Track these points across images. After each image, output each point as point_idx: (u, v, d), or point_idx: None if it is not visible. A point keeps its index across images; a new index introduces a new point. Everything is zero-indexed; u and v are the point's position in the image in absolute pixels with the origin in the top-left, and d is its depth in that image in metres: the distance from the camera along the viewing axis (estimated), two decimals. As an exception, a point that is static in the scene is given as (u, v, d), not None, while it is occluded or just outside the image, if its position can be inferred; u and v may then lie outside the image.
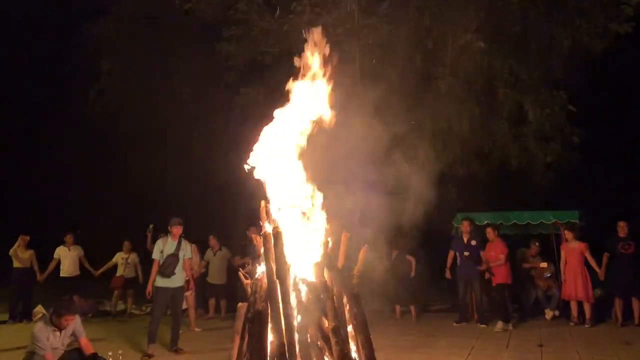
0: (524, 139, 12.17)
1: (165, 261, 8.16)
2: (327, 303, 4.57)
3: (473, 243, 10.33)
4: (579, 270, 9.80)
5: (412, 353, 7.71)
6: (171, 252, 8.21)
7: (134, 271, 12.06)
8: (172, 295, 8.25)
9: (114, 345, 8.08)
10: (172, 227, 8.36)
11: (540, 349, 7.74)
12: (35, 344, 5.66)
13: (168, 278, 8.14)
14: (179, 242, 8.36)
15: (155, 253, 8.32)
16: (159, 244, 8.35)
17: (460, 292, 10.46)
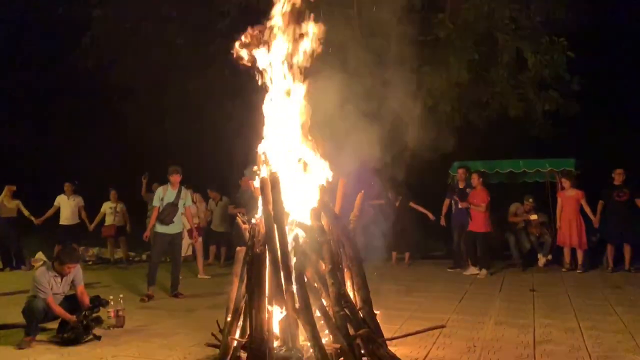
0: (523, 88, 12.06)
1: (164, 209, 8.32)
2: (324, 246, 4.64)
3: (468, 191, 10.41)
4: (574, 218, 9.94)
5: (407, 296, 7.90)
6: (171, 201, 8.36)
7: (123, 219, 12.17)
8: (169, 241, 8.44)
9: (114, 290, 8.24)
10: (170, 175, 8.46)
11: (532, 294, 7.92)
12: (37, 288, 5.76)
13: (167, 225, 8.32)
14: (179, 190, 8.48)
15: (155, 200, 8.46)
16: (160, 191, 8.48)
17: (455, 238, 10.64)
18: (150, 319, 6.83)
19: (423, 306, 7.24)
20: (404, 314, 6.66)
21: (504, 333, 5.75)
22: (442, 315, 6.59)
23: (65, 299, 6.05)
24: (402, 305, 7.17)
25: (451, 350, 5.16)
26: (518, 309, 6.92)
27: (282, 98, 5.27)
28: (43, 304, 5.69)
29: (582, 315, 6.49)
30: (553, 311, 6.76)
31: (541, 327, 5.93)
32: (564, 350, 5.05)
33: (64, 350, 5.46)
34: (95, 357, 5.19)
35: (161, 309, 7.49)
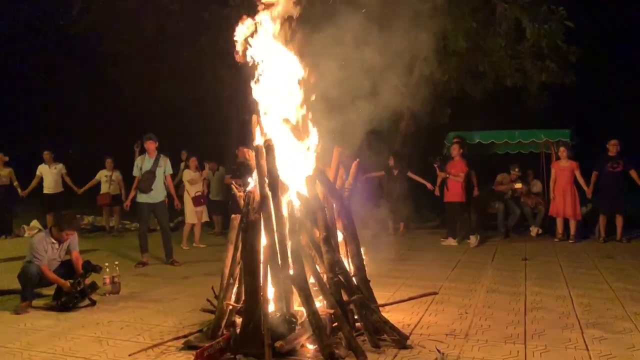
0: (520, 58, 11.95)
1: (142, 178, 8.30)
2: (318, 214, 4.65)
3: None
4: (568, 189, 9.98)
5: (400, 265, 7.98)
6: (148, 169, 8.31)
7: (118, 188, 12.14)
8: (152, 210, 8.41)
9: (110, 257, 8.30)
10: (145, 143, 8.43)
11: (525, 263, 8.02)
12: (33, 254, 5.79)
13: (146, 194, 8.28)
14: (157, 158, 8.41)
15: (135, 170, 8.46)
16: (138, 161, 8.47)
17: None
18: (146, 286, 6.89)
19: (416, 274, 7.31)
20: (398, 282, 6.74)
21: (495, 300, 5.83)
22: (435, 283, 6.67)
23: (61, 264, 6.09)
24: (395, 273, 7.25)
25: (443, 316, 5.23)
26: (510, 277, 7.00)
27: (277, 67, 5.21)
28: (37, 269, 5.73)
29: (573, 283, 6.58)
30: (544, 279, 6.85)
31: (532, 295, 6.02)
32: (554, 317, 5.14)
33: (60, 315, 5.51)
34: (91, 323, 5.24)
35: (156, 276, 7.55)
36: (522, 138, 11.45)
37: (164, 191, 8.55)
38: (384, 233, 11.09)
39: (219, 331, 4.46)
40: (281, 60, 5.25)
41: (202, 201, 10.33)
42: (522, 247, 9.51)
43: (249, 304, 4.29)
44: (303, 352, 4.18)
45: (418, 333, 4.69)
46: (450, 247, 9.70)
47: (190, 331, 4.72)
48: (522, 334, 4.64)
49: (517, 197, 10.93)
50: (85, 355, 4.27)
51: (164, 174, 8.47)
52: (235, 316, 4.56)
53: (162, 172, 8.42)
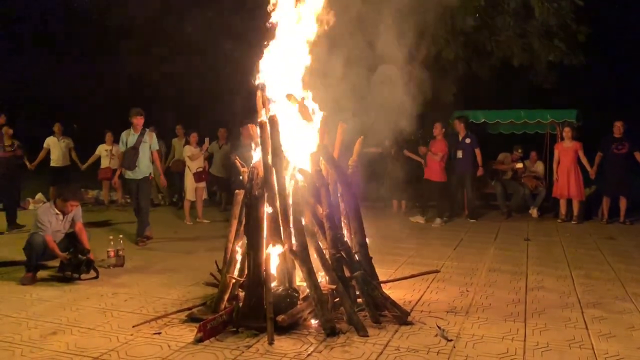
0: (528, 37, 11.81)
1: (125, 154, 8.09)
2: (321, 190, 4.66)
3: (467, 141, 10.38)
4: (572, 169, 9.95)
5: (403, 243, 8.01)
6: (132, 145, 8.07)
7: (118, 162, 12.09)
8: (137, 185, 8.16)
9: (114, 231, 8.34)
10: (132, 117, 8.11)
11: (527, 243, 8.04)
12: (38, 224, 5.84)
13: (131, 171, 8.08)
14: (141, 134, 8.14)
15: (121, 146, 8.27)
16: (123, 136, 8.18)
17: (452, 188, 10.69)
18: (150, 259, 6.95)
19: (418, 252, 7.35)
20: (400, 259, 6.77)
21: (496, 279, 5.86)
22: (437, 261, 6.71)
23: (65, 236, 6.14)
24: (398, 251, 7.29)
25: (444, 294, 5.27)
26: (512, 257, 7.03)
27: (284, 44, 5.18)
28: (42, 239, 5.78)
29: (574, 264, 6.61)
30: (546, 259, 6.88)
31: (533, 275, 6.05)
32: (554, 297, 5.17)
33: (65, 286, 5.57)
34: (95, 294, 5.30)
35: (160, 251, 7.61)
36: (528, 118, 11.38)
37: (149, 167, 8.27)
38: (387, 210, 11.16)
39: (222, 304, 4.51)
40: (286, 33, 5.21)
41: (204, 177, 10.34)
42: (525, 227, 9.53)
43: (252, 278, 4.32)
44: (305, 327, 4.22)
45: (419, 310, 4.73)
46: (455, 226, 9.72)
47: (193, 304, 4.77)
48: (523, 312, 4.67)
49: (517, 177, 10.92)
50: (89, 326, 4.33)
51: (150, 149, 8.22)
52: (238, 290, 4.60)
53: (147, 148, 8.16)
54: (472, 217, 10.33)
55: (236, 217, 4.81)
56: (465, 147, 10.37)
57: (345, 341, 3.95)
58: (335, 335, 4.02)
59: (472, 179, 10.44)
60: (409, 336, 4.07)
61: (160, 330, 4.20)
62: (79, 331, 4.22)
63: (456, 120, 10.57)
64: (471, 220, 10.25)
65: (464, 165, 10.38)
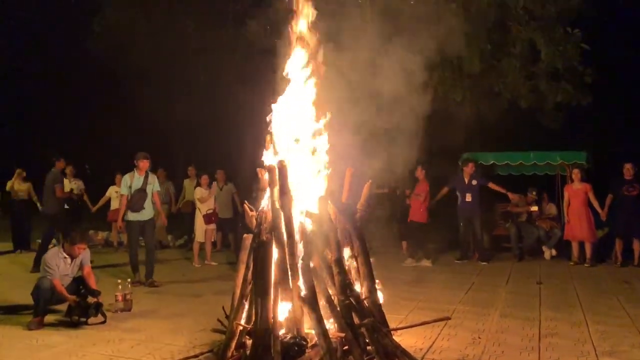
0: (535, 79, 11.93)
1: (133, 196, 8.17)
2: (330, 235, 4.64)
3: (474, 183, 10.39)
4: (583, 211, 9.87)
5: (413, 287, 7.90)
6: (139, 187, 8.21)
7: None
8: (142, 227, 8.30)
9: (122, 274, 8.32)
10: (138, 161, 8.29)
11: (539, 287, 7.90)
12: (46, 269, 5.84)
13: (137, 212, 8.19)
14: (146, 176, 8.32)
15: (123, 188, 8.34)
16: (127, 179, 8.30)
17: (461, 230, 10.63)
18: (158, 303, 6.89)
19: (429, 296, 7.24)
20: (410, 304, 6.67)
21: (509, 325, 5.74)
22: (448, 306, 6.60)
23: (73, 280, 6.13)
24: (408, 295, 7.19)
25: (456, 341, 5.16)
26: (524, 302, 6.90)
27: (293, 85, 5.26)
28: (50, 284, 5.77)
29: (588, 309, 6.47)
30: (559, 304, 6.74)
31: (547, 320, 5.92)
32: (569, 344, 5.04)
33: (72, 332, 5.53)
34: (102, 340, 5.25)
35: (168, 294, 7.56)
36: (537, 160, 11.36)
37: (152, 209, 8.44)
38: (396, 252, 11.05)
39: (229, 352, 4.44)
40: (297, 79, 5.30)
41: (214, 219, 10.35)
42: (537, 270, 9.38)
43: (260, 325, 4.26)
44: (313, 375, 4.14)
45: (430, 358, 4.63)
46: (465, 269, 9.59)
47: (200, 351, 4.71)
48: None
49: (532, 220, 10.84)
50: (95, 374, 4.27)
51: (152, 191, 8.37)
52: (245, 337, 4.53)
53: (151, 190, 8.33)
54: (482, 260, 10.21)
55: (244, 262, 4.78)
56: (473, 189, 10.37)
57: (354, 391, 3.86)
58: (344, 385, 3.93)
59: (480, 221, 10.39)
60: (420, 386, 3.97)
61: (166, 379, 4.14)
62: (84, 379, 4.17)
63: (469, 163, 10.53)
64: (482, 262, 10.12)
65: (472, 208, 10.35)
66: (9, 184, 11.79)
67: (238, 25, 12.54)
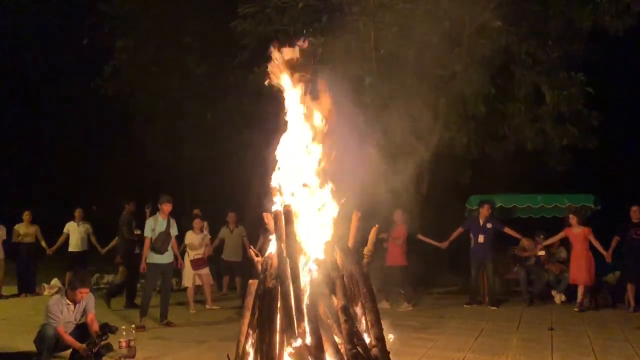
0: (540, 122, 12.01)
1: (158, 238, 8.32)
2: (337, 282, 4.58)
3: (489, 226, 10.29)
4: (583, 255, 9.78)
5: (422, 333, 7.75)
6: (163, 230, 8.38)
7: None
8: (162, 270, 8.49)
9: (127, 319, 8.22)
10: (162, 204, 8.51)
11: (551, 332, 7.73)
12: (49, 316, 5.78)
13: (161, 255, 8.35)
14: (168, 219, 8.52)
15: (147, 231, 8.46)
16: (151, 222, 8.48)
17: (473, 273, 10.48)
18: (161, 350, 6.78)
19: (438, 343, 7.08)
20: (419, 352, 6.52)
21: (521, 374, 5.59)
22: (457, 353, 6.46)
23: (76, 327, 6.04)
24: (416, 342, 7.04)
25: (466, 391, 5.02)
26: (536, 349, 6.74)
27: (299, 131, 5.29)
28: (54, 331, 5.70)
29: (601, 356, 6.31)
30: (572, 352, 6.58)
31: (560, 369, 5.77)
32: (583, 395, 4.89)
33: (74, 380, 5.43)
34: (104, 388, 5.15)
35: (172, 340, 7.44)
36: (545, 203, 11.30)
37: (172, 252, 8.64)
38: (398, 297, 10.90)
39: (233, 402, 4.33)
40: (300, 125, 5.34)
41: (201, 264, 10.22)
42: (548, 315, 9.20)
43: (265, 374, 4.17)
44: None
45: (440, 409, 4.50)
46: (475, 314, 9.42)
47: (204, 401, 4.60)
48: (550, 413, 4.41)
49: (541, 264, 10.70)
50: None
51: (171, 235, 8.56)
52: (250, 386, 4.43)
53: (172, 234, 8.56)
54: (493, 305, 10.03)
55: (249, 309, 4.71)
56: (487, 231, 10.27)
57: None
58: None
59: (492, 264, 10.25)
60: None
61: None
62: None
63: (485, 205, 10.44)
64: (492, 307, 9.94)
65: (484, 251, 10.24)
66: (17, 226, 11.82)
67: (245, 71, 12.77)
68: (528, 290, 10.52)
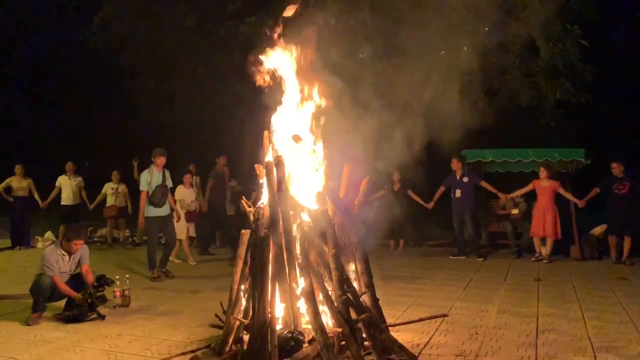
0: (534, 76, 11.93)
1: (155, 192, 8.32)
2: (328, 231, 4.65)
3: (465, 180, 10.44)
4: (548, 208, 9.97)
5: (411, 283, 7.91)
6: (159, 183, 8.38)
7: (124, 200, 12.23)
8: (162, 222, 8.50)
9: (120, 270, 8.32)
10: (156, 157, 8.47)
11: (538, 283, 7.91)
12: (45, 265, 5.84)
13: (160, 208, 8.37)
14: (163, 172, 8.51)
15: (142, 185, 8.40)
16: (146, 175, 8.42)
17: (455, 227, 10.65)
18: (156, 299, 6.91)
19: (427, 293, 7.24)
20: (408, 301, 6.67)
21: (507, 321, 5.75)
22: (445, 302, 6.61)
23: (71, 277, 6.11)
24: (405, 292, 7.20)
25: (453, 337, 5.17)
26: (522, 298, 6.90)
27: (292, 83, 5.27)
28: (50, 281, 5.77)
29: (586, 305, 6.47)
30: (557, 301, 6.74)
31: (545, 316, 5.92)
32: (566, 340, 5.05)
33: (69, 327, 5.54)
34: (100, 335, 5.26)
35: (167, 290, 7.57)
36: (536, 157, 11.34)
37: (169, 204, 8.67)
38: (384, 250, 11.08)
39: (226, 347, 4.45)
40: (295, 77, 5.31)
41: (195, 217, 10.38)
42: (536, 267, 9.40)
43: (257, 320, 4.27)
44: (310, 370, 4.15)
45: (427, 353, 4.64)
46: (463, 266, 9.59)
47: (198, 346, 4.72)
48: (534, 356, 4.56)
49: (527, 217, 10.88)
50: (93, 369, 4.28)
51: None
52: (243, 332, 4.54)
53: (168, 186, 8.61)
54: (479, 256, 10.22)
55: (242, 258, 4.80)
56: (464, 186, 10.42)
57: (351, 386, 3.87)
58: (341, 380, 3.94)
59: (471, 217, 10.44)
60: (417, 381, 3.98)
61: (164, 374, 4.15)
62: (81, 374, 4.18)
63: (454, 159, 10.55)
64: (479, 259, 10.14)
65: (463, 204, 10.40)
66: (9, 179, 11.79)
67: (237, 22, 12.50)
68: (516, 243, 10.73)
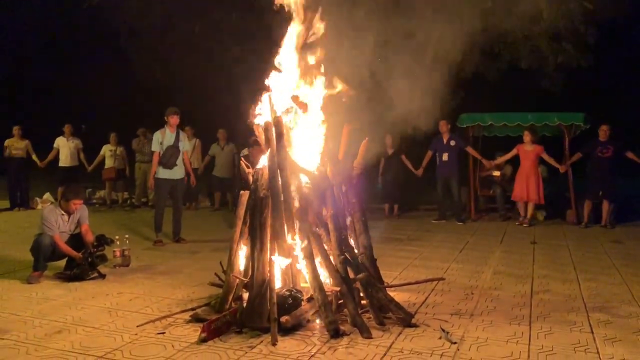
0: (536, 39, 11.78)
1: (165, 153, 7.96)
2: (326, 192, 4.66)
3: (452, 143, 10.45)
4: (532, 173, 10.04)
5: (407, 245, 8.00)
6: (171, 144, 8.00)
7: (122, 162, 12.22)
8: (172, 185, 8.15)
9: (121, 230, 8.38)
10: (168, 116, 8.06)
11: (533, 246, 8.01)
12: (44, 225, 5.86)
13: (170, 169, 8.02)
14: (177, 132, 8.12)
15: (154, 145, 8.09)
16: (158, 135, 8.08)
17: (439, 191, 10.72)
18: (156, 259, 6.98)
19: (423, 255, 7.33)
20: (404, 262, 6.76)
21: (502, 282, 5.83)
22: (441, 264, 6.70)
23: (71, 237, 6.14)
24: (402, 254, 7.28)
25: (449, 297, 5.25)
26: (518, 260, 7.00)
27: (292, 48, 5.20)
28: (50, 240, 5.80)
29: (580, 267, 6.57)
30: (552, 263, 6.84)
31: (539, 278, 6.01)
32: (560, 300, 5.14)
33: (70, 286, 5.61)
34: (101, 293, 5.33)
35: (166, 251, 7.65)
36: (535, 121, 11.30)
37: (183, 167, 8.30)
38: (379, 214, 11.16)
39: (226, 305, 4.51)
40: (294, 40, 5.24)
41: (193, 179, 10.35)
42: (532, 230, 9.49)
43: (256, 278, 4.32)
44: (309, 328, 4.22)
45: (423, 312, 4.72)
46: (460, 229, 9.70)
47: (198, 304, 4.78)
48: (528, 315, 4.65)
49: None
50: (94, 325, 4.34)
51: (182, 149, 8.19)
52: (242, 290, 4.60)
53: (182, 148, 8.17)
54: (458, 220, 10.33)
55: (241, 218, 4.81)
56: (450, 149, 10.45)
57: (348, 343, 3.94)
58: (339, 337, 4.01)
59: (457, 181, 10.50)
60: (413, 338, 4.06)
61: (164, 330, 4.21)
62: (83, 330, 4.24)
63: (442, 121, 10.50)
64: (458, 222, 10.24)
65: (449, 168, 10.44)
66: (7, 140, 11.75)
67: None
68: (505, 206, 10.84)
